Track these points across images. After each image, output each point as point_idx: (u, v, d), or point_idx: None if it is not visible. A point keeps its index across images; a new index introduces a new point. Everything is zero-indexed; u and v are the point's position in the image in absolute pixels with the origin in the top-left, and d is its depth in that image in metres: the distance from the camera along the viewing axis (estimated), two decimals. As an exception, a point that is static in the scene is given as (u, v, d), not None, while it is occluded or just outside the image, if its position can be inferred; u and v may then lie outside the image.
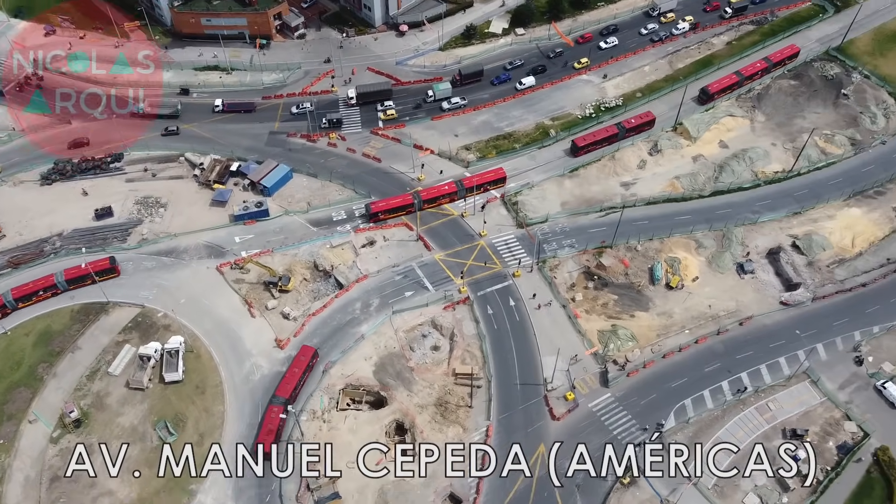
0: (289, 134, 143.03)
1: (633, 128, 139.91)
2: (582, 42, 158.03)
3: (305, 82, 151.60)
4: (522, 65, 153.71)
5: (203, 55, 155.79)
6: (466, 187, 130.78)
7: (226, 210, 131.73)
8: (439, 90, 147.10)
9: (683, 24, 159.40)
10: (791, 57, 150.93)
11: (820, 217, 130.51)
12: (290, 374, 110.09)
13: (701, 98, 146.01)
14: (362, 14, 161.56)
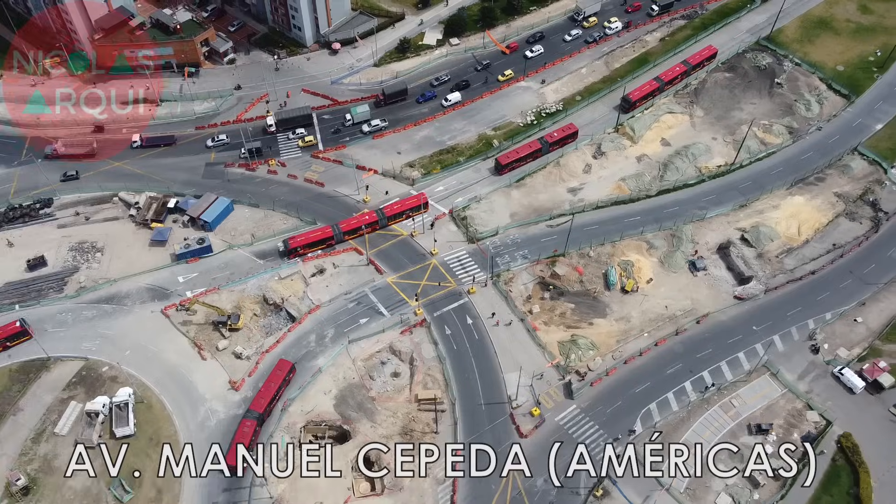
0: (226, 164, 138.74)
1: (556, 141, 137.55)
2: (508, 52, 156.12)
3: (239, 109, 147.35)
4: (449, 80, 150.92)
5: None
6: (388, 216, 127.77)
7: (166, 249, 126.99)
8: (357, 113, 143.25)
9: (616, 24, 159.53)
10: (710, 58, 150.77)
11: (765, 208, 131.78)
12: (265, 387, 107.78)
13: (623, 106, 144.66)
14: (292, 34, 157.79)
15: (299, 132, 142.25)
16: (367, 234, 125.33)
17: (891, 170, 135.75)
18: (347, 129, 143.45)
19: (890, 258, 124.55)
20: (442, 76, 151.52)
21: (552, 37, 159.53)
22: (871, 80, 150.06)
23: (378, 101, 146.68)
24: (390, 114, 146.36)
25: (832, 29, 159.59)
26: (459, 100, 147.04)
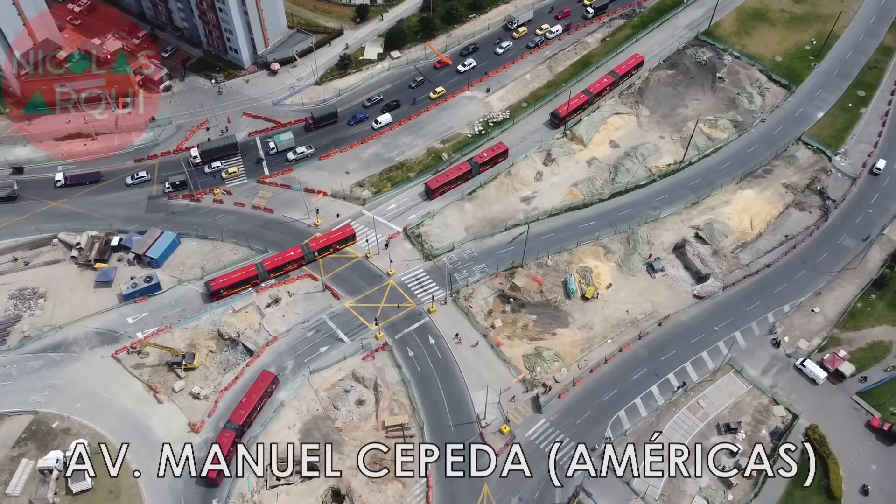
0: (169, 196, 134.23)
1: (486, 161, 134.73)
2: (439, 67, 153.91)
3: (179, 138, 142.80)
4: (381, 100, 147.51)
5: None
6: (314, 250, 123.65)
7: (113, 290, 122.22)
8: (281, 141, 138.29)
9: (556, 27, 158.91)
10: (637, 66, 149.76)
11: (717, 204, 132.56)
12: (246, 398, 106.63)
13: (552, 122, 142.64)
14: (229, 56, 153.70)
15: (215, 165, 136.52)
16: (294, 269, 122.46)
17: (835, 157, 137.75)
18: (272, 157, 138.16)
19: (841, 246, 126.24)
20: (374, 96, 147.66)
21: (491, 47, 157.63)
22: (808, 69, 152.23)
23: (308, 125, 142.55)
24: (322, 138, 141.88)
25: (767, 20, 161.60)
26: (390, 121, 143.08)
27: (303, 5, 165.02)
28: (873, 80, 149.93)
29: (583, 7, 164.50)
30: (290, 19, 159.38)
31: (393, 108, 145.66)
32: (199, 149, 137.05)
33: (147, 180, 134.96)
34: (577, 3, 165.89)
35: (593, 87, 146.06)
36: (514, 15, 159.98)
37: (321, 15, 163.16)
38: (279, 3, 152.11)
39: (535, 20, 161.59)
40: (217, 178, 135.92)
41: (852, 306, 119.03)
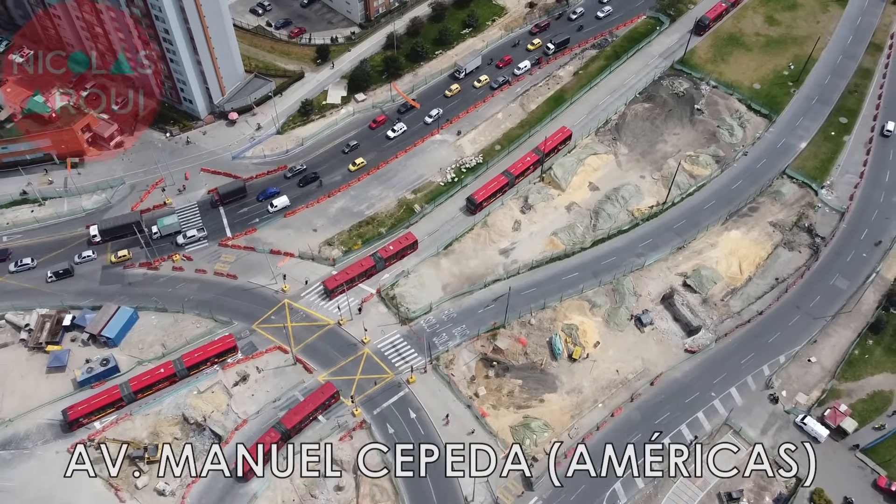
0: (125, 265, 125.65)
1: (392, 255, 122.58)
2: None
3: (134, 199, 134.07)
4: (305, 170, 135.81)
5: (19, 186, 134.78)
6: (188, 366, 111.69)
7: (67, 375, 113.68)
8: (164, 225, 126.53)
9: (524, 63, 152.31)
10: (564, 140, 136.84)
11: (703, 247, 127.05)
12: (301, 405, 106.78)
13: (469, 208, 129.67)
14: (184, 107, 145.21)
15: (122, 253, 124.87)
16: (218, 362, 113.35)
17: (821, 191, 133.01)
18: (163, 239, 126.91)
19: (833, 287, 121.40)
20: (297, 166, 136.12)
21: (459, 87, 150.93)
22: (788, 96, 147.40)
23: (214, 201, 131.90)
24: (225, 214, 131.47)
25: (743, 45, 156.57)
26: (287, 204, 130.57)
27: (260, 47, 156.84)
28: (854, 106, 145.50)
29: (539, 44, 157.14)
30: (248, 63, 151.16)
31: (311, 181, 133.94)
32: (97, 227, 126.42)
33: (32, 268, 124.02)
34: (530, 35, 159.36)
35: (514, 167, 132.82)
36: (460, 63, 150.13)
37: (280, 57, 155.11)
38: (234, 50, 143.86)
39: (474, 72, 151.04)
40: (174, 245, 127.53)
41: (850, 354, 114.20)
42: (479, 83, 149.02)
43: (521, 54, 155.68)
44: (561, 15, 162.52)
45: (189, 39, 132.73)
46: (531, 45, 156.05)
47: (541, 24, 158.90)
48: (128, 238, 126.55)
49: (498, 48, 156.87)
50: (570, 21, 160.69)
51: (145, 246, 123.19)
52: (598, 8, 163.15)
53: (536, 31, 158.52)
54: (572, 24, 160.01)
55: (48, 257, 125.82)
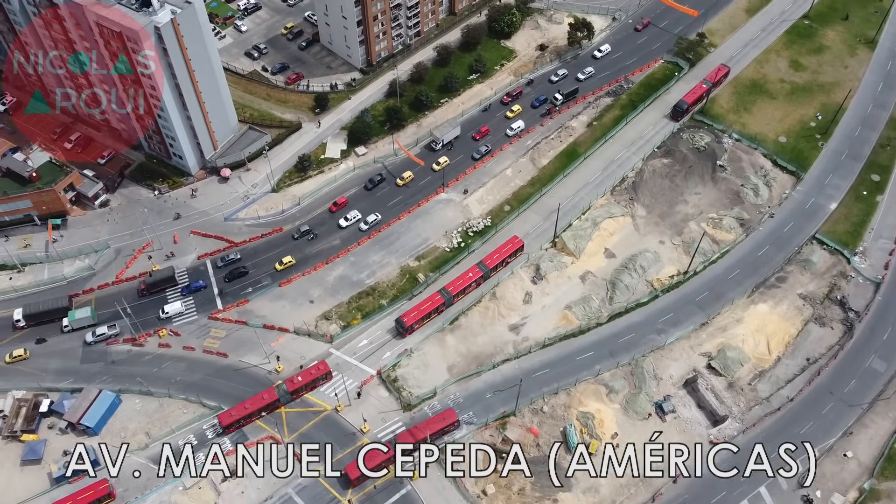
0: (108, 341, 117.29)
1: (298, 388, 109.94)
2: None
3: (119, 265, 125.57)
4: (239, 260, 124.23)
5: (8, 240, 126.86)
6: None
7: (43, 468, 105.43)
8: (76, 319, 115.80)
9: (518, 123, 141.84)
10: (515, 252, 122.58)
11: (728, 323, 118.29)
12: (429, 422, 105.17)
13: (398, 330, 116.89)
14: (173, 162, 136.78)
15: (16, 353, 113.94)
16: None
17: (853, 258, 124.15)
18: (67, 334, 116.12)
19: (870, 370, 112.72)
20: (230, 254, 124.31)
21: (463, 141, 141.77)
22: (816, 150, 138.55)
23: (140, 291, 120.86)
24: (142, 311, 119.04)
25: (767, 92, 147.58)
26: (181, 311, 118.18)
27: (255, 94, 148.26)
28: (887, 162, 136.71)
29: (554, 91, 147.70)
30: (242, 112, 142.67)
31: (239, 276, 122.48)
32: (23, 311, 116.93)
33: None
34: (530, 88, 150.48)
35: (453, 284, 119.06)
36: (437, 134, 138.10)
37: (276, 105, 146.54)
38: (227, 102, 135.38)
39: (453, 143, 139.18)
40: (162, 319, 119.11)
41: (889, 448, 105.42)
42: (438, 166, 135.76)
43: (500, 123, 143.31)
44: (575, 57, 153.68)
45: (178, 95, 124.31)
46: (510, 112, 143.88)
47: (513, 93, 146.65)
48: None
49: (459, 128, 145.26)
50: (551, 83, 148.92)
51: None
52: (580, 68, 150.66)
53: (508, 101, 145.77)
54: (552, 87, 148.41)
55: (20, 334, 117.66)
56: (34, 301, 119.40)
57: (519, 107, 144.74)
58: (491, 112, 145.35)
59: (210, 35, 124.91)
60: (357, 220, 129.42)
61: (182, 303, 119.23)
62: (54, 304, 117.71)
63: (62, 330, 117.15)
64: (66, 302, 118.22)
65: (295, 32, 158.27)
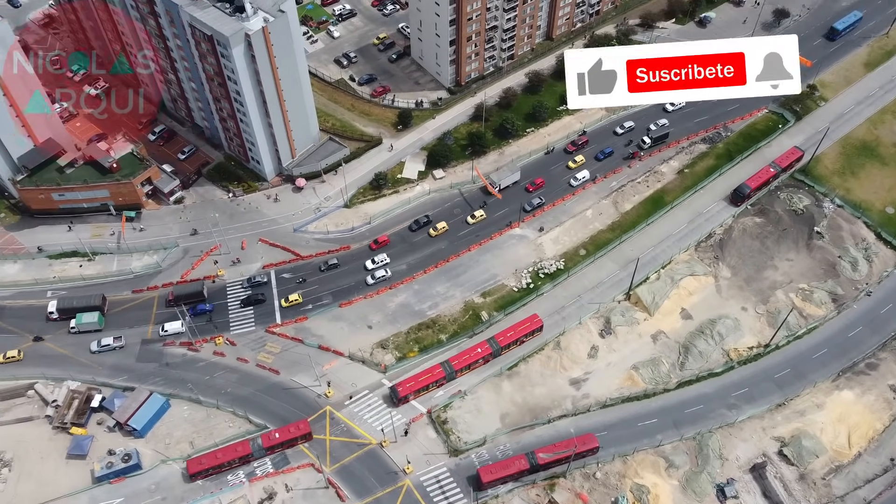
0: (165, 342, 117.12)
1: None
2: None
3: (185, 266, 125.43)
4: (262, 283, 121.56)
5: (72, 231, 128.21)
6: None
7: (86, 464, 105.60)
8: (82, 322, 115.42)
9: (582, 173, 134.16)
10: (533, 332, 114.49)
11: (807, 407, 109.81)
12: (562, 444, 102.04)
13: (392, 399, 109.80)
14: (251, 165, 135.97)
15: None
16: None
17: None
18: (76, 336, 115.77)
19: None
20: (259, 277, 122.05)
21: (547, 170, 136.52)
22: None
23: (168, 301, 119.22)
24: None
25: (878, 157, 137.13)
26: (180, 331, 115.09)
27: (340, 103, 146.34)
28: None
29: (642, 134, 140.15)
30: (324, 121, 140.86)
31: (255, 304, 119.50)
32: (57, 304, 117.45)
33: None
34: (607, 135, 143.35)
35: (458, 359, 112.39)
36: (494, 178, 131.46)
37: (359, 117, 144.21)
38: (311, 112, 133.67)
39: (509, 188, 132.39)
40: (220, 326, 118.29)
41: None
42: (473, 220, 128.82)
43: (561, 172, 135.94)
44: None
45: (262, 102, 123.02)
46: (572, 162, 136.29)
47: (578, 142, 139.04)
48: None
49: (595, 132, 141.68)
50: (616, 136, 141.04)
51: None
52: (652, 119, 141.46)
53: (573, 150, 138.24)
54: (618, 139, 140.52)
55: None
56: (70, 296, 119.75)
57: (582, 157, 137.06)
58: (553, 158, 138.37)
59: (300, 45, 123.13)
60: (383, 264, 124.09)
61: (182, 323, 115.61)
62: (88, 302, 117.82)
63: (69, 331, 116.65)
64: (99, 301, 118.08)
65: (387, 44, 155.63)
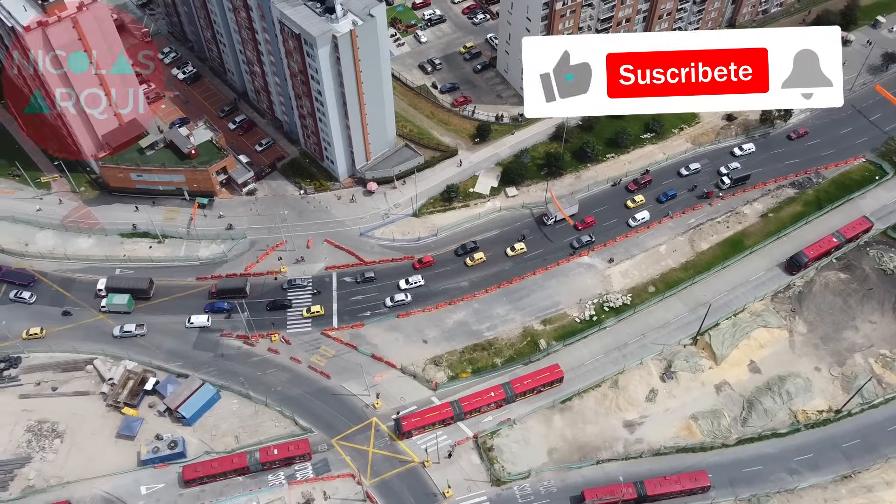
0: (223, 333, 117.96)
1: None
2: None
3: (250, 258, 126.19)
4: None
5: (138, 211, 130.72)
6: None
7: (134, 446, 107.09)
8: (112, 303, 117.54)
9: (643, 214, 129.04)
10: (552, 383, 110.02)
11: (876, 483, 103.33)
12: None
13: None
14: (325, 164, 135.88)
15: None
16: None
17: None
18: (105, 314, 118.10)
19: None
20: (301, 280, 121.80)
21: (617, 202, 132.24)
22: None
23: (210, 294, 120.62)
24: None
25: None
26: (206, 324, 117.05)
27: (419, 109, 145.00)
28: None
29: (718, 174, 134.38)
30: (402, 126, 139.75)
31: (280, 308, 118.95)
32: (106, 282, 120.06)
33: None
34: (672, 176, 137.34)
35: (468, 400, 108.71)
36: (550, 209, 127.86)
37: (438, 125, 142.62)
38: (390, 117, 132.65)
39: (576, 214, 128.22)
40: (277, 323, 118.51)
41: None
42: (514, 251, 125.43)
43: (619, 210, 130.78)
44: (765, 136, 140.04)
45: (342, 104, 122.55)
46: (631, 202, 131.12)
47: (640, 181, 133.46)
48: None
49: (676, 164, 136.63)
50: (680, 177, 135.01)
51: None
52: (721, 163, 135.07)
53: (634, 189, 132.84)
54: (683, 180, 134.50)
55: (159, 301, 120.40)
56: (120, 276, 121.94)
57: (642, 197, 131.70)
58: (613, 194, 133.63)
59: (386, 51, 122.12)
60: (415, 286, 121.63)
61: (209, 317, 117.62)
62: (135, 284, 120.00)
63: (100, 309, 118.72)
64: (146, 285, 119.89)
65: (473, 53, 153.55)
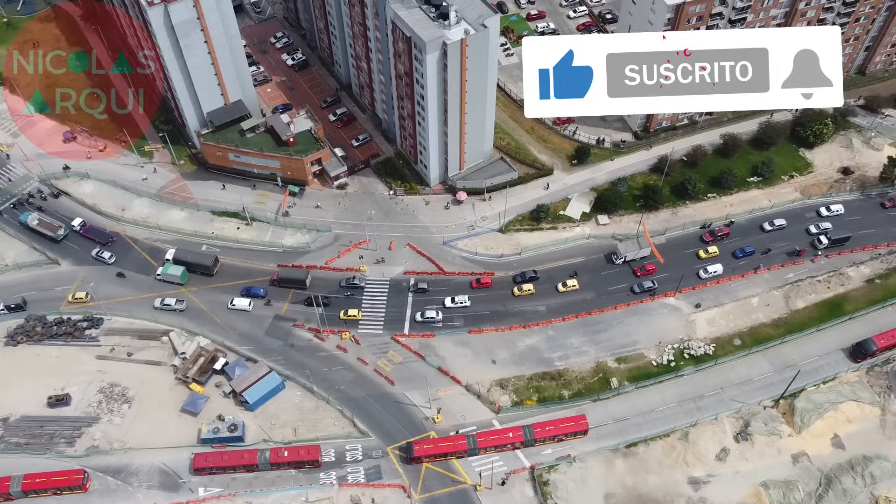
0: (295, 323, 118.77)
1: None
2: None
3: (332, 252, 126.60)
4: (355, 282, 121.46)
5: (226, 189, 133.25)
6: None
7: (196, 422, 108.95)
8: (167, 272, 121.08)
9: (716, 267, 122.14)
10: (574, 434, 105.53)
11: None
12: None
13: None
14: (418, 168, 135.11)
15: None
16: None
17: None
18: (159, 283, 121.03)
19: None
20: (352, 280, 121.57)
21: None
22: None
23: (273, 280, 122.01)
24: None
25: None
26: (246, 308, 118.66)
27: (519, 122, 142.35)
28: None
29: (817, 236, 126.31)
30: (500, 138, 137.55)
31: (323, 305, 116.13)
32: (174, 253, 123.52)
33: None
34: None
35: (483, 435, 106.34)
36: (621, 249, 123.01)
37: (536, 142, 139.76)
38: (489, 129, 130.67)
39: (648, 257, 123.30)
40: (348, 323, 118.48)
41: None
42: (565, 287, 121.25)
43: (688, 260, 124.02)
44: (882, 195, 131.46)
45: (443, 111, 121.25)
46: (703, 252, 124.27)
47: (718, 233, 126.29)
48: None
49: (780, 213, 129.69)
50: (763, 232, 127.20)
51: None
52: (808, 221, 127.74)
53: (710, 240, 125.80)
54: (765, 236, 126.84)
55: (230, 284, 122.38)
56: (189, 250, 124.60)
57: (716, 249, 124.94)
58: (685, 242, 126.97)
59: (494, 63, 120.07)
60: (459, 305, 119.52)
61: (250, 301, 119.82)
62: (200, 260, 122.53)
63: (155, 277, 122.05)
64: (210, 262, 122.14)
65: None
